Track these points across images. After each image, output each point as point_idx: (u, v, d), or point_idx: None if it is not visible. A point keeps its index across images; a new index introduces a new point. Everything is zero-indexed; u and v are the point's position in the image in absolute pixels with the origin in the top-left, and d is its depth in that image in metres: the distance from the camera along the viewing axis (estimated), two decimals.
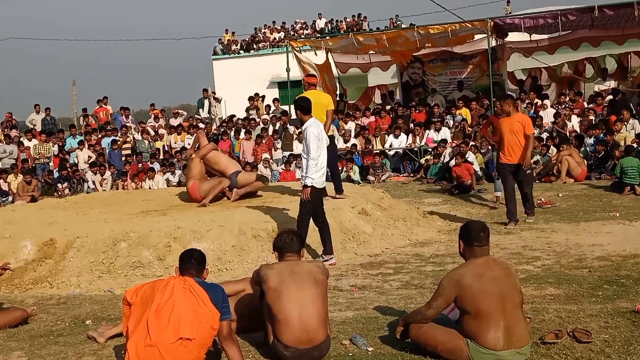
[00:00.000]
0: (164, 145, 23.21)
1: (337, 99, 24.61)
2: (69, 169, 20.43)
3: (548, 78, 24.96)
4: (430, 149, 19.96)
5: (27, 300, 8.56)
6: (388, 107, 24.55)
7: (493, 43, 22.36)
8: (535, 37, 24.55)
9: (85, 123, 25.58)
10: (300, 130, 21.76)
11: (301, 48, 24.63)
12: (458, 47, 24.31)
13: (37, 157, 21.38)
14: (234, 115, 26.06)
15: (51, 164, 21.54)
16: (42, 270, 9.38)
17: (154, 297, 5.18)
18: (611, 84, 22.94)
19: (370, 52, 25.47)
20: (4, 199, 18.75)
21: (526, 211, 12.02)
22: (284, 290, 5.52)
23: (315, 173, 9.16)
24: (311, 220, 9.46)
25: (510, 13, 31.84)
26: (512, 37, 25.03)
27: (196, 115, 26.84)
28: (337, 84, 26.30)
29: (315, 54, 24.80)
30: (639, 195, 13.81)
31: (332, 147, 12.17)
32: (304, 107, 9.47)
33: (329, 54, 25.28)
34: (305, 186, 9.19)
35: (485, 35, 21.43)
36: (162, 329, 5.05)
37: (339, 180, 12.39)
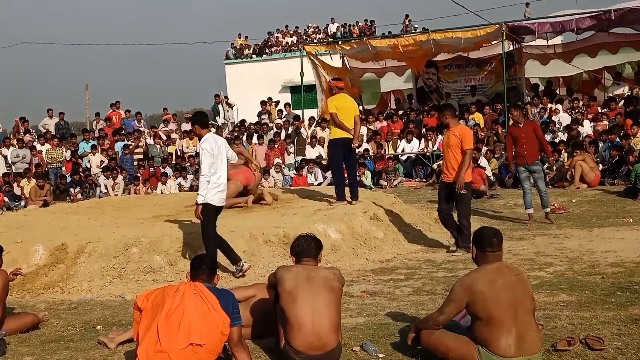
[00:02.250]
0: (176, 150, 23.26)
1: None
2: (81, 174, 20.48)
3: (563, 84, 24.80)
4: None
5: (38, 305, 8.57)
6: (400, 112, 24.50)
7: (509, 47, 22.26)
8: (552, 41, 24.41)
9: (99, 127, 25.65)
10: (312, 135, 21.82)
11: (317, 52, 24.59)
12: (474, 52, 24.24)
13: (50, 161, 21.44)
14: (245, 120, 26.07)
15: (64, 168, 21.60)
16: (54, 275, 9.41)
17: (165, 303, 5.18)
18: (625, 88, 22.81)
19: (385, 59, 25.40)
20: (16, 203, 18.83)
21: (458, 243, 10.42)
22: (299, 295, 5.51)
23: (209, 191, 8.80)
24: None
25: (530, 16, 31.64)
26: (529, 40, 24.92)
27: (212, 122, 26.82)
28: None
29: (331, 58, 24.78)
30: None
31: (355, 153, 12.37)
32: (202, 122, 9.18)
33: (345, 58, 25.26)
34: (196, 203, 8.87)
35: (500, 40, 21.31)
36: (173, 334, 5.05)
37: (356, 187, 12.28)
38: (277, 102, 27.45)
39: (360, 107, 26.32)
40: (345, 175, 12.27)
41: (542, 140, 12.79)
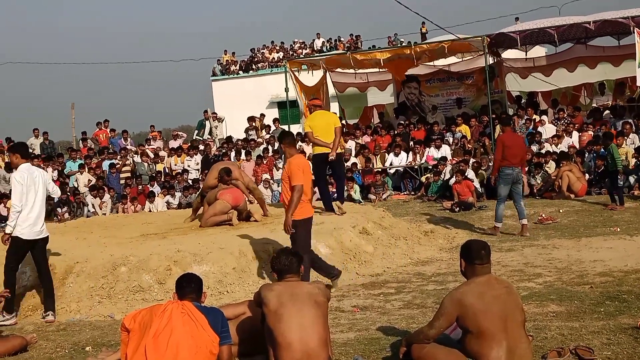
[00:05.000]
0: (164, 168, 23.18)
1: None
2: (68, 193, 20.37)
3: (542, 100, 24.89)
4: (430, 167, 19.94)
5: (26, 327, 8.52)
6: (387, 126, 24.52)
7: (490, 60, 22.38)
8: (530, 54, 24.60)
9: (87, 146, 25.53)
10: (300, 150, 21.78)
11: (298, 69, 24.65)
12: (455, 65, 24.34)
13: None
14: (231, 137, 26.06)
15: None
16: (42, 296, 9.34)
17: (152, 323, 5.15)
18: (610, 98, 22.96)
19: (367, 69, 25.40)
20: (2, 224, 18.66)
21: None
22: (284, 313, 5.48)
23: (20, 224, 8.57)
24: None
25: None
26: (509, 54, 25.08)
27: (197, 137, 26.70)
28: (330, 104, 26.30)
29: (312, 74, 24.84)
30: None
31: (340, 164, 12.82)
32: (22, 152, 8.91)
33: (327, 73, 25.31)
34: (4, 232, 8.70)
35: (482, 53, 21.41)
36: (161, 354, 5.02)
37: (343, 195, 13.01)
38: (262, 116, 27.32)
39: (343, 122, 26.44)
40: (334, 189, 12.57)
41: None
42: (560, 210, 14.57)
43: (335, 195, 13.15)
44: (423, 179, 19.67)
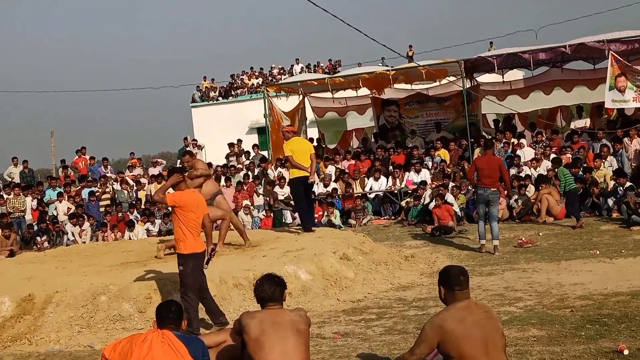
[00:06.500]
0: (146, 195, 23.06)
1: (315, 144, 24.59)
2: (48, 222, 20.22)
3: (519, 122, 25.04)
4: (410, 191, 19.98)
5: (5, 358, 8.43)
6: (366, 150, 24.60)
7: (468, 84, 22.55)
8: (508, 77, 24.83)
9: (64, 174, 25.38)
10: (280, 176, 21.82)
11: (277, 93, 24.79)
12: (432, 89, 24.54)
13: (12, 211, 20.92)
14: (211, 163, 25.99)
15: (27, 217, 21.15)
16: (21, 326, 9.25)
17: (133, 353, 5.11)
18: (587, 121, 23.14)
19: (345, 89, 25.56)
20: None
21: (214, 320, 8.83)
22: (266, 341, 5.46)
23: None
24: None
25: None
26: (486, 78, 25.29)
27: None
28: (308, 129, 26.45)
29: (287, 98, 25.04)
30: None
31: (311, 188, 14.01)
32: None
33: (306, 98, 25.44)
34: None
35: (459, 76, 21.60)
36: None
37: (313, 217, 14.49)
38: (239, 141, 27.25)
39: (323, 145, 26.60)
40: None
41: None
42: (540, 234, 14.64)
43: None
44: (403, 203, 19.71)
